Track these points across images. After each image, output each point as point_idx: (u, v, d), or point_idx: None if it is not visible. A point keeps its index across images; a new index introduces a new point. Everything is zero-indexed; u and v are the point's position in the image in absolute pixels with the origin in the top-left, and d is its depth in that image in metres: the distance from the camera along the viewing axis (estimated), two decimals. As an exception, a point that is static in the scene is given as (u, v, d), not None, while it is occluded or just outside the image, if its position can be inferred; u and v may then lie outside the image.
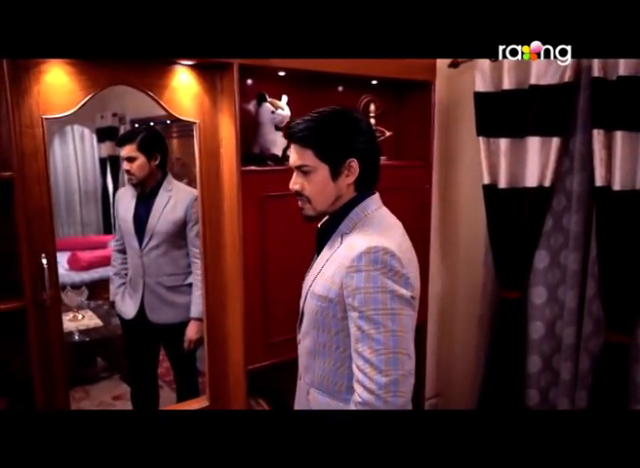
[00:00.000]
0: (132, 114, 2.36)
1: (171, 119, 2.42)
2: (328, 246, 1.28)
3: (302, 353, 1.34)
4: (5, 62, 1.41)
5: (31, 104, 1.56)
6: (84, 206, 2.43)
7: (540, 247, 2.32)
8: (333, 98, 2.27)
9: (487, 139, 2.35)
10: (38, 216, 1.60)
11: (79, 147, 2.27)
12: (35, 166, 1.58)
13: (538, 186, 2.22)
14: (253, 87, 2.02)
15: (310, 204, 1.25)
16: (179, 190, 2.16)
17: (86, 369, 2.44)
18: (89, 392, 2.32)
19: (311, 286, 1.26)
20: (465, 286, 2.78)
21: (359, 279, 1.13)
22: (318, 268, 1.27)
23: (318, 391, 1.28)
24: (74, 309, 2.34)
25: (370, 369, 1.11)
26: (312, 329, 1.26)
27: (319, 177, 1.22)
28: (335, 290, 1.18)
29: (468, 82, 2.39)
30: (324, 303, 1.21)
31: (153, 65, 1.75)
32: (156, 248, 2.13)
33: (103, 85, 1.68)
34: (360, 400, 1.12)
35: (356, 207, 1.25)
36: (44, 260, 1.60)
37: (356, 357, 1.14)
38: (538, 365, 2.39)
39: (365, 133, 1.25)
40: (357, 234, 1.22)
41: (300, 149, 1.22)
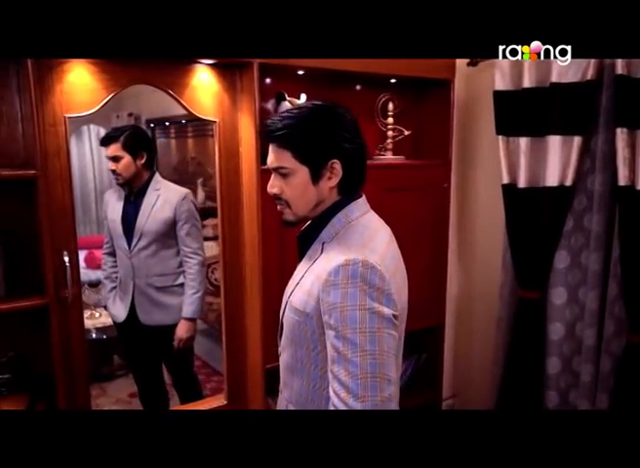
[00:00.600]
0: (147, 114, 2.38)
1: (186, 119, 2.44)
2: (308, 255, 1.17)
3: (281, 367, 1.24)
4: (29, 62, 1.43)
5: (54, 103, 1.58)
6: (99, 205, 2.44)
7: (560, 247, 2.29)
8: (352, 97, 2.27)
9: (506, 138, 2.32)
10: (60, 215, 1.62)
11: (95, 147, 2.29)
12: (58, 164, 1.60)
13: (558, 185, 2.19)
14: (272, 86, 2.03)
15: (290, 208, 1.15)
16: (167, 189, 2.15)
17: (103, 366, 2.46)
18: (105, 389, 2.35)
19: (290, 297, 1.15)
20: (483, 285, 2.76)
21: (335, 295, 1.02)
22: (297, 279, 1.16)
23: (296, 407, 1.20)
24: (91, 307, 2.36)
25: (345, 393, 1.00)
26: (290, 343, 1.16)
27: (298, 180, 1.11)
28: (312, 304, 1.07)
29: (487, 80, 2.37)
30: (301, 318, 1.10)
31: (174, 65, 1.76)
32: (145, 248, 2.11)
33: (125, 84, 1.69)
34: None
35: (339, 212, 1.14)
36: (66, 258, 1.62)
37: (332, 379, 1.03)
38: (557, 366, 2.36)
39: (349, 130, 1.12)
40: (337, 244, 1.11)
41: (277, 150, 1.11)
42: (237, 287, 1.98)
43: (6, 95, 1.60)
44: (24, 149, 1.62)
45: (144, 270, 2.13)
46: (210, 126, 1.92)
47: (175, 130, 2.62)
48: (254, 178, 1.83)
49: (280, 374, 1.26)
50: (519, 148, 2.27)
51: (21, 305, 1.55)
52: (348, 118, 1.14)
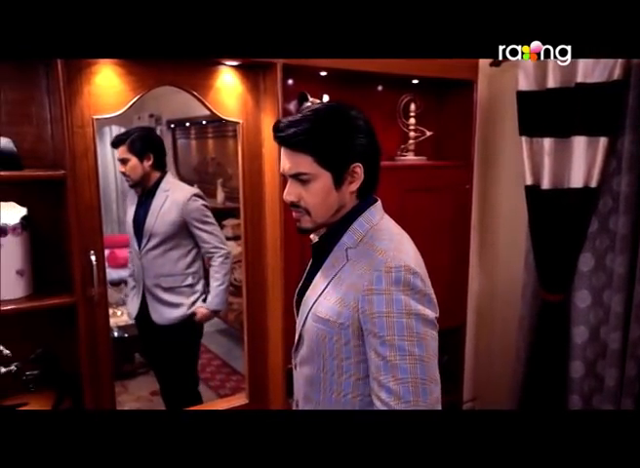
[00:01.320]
0: (168, 115, 2.41)
1: (206, 120, 2.46)
2: (329, 262, 1.11)
3: (300, 381, 1.19)
4: (59, 65, 1.46)
5: (82, 105, 1.61)
6: (120, 204, 2.47)
7: (584, 249, 2.26)
8: (374, 97, 2.28)
9: (530, 139, 2.30)
10: (87, 214, 1.65)
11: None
12: (85, 165, 1.63)
13: (583, 187, 2.16)
14: (295, 86, 2.04)
15: (309, 216, 1.08)
16: (176, 190, 2.14)
17: (124, 364, 2.48)
18: (127, 387, 2.38)
19: (313, 307, 1.10)
20: (506, 287, 2.73)
21: (380, 302, 1.00)
22: (320, 288, 1.11)
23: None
24: (113, 306, 2.38)
25: (395, 401, 0.99)
26: (316, 355, 1.11)
27: (320, 186, 1.05)
28: (347, 314, 1.04)
29: (511, 81, 2.35)
30: (332, 328, 1.06)
31: (199, 66, 1.78)
32: (154, 249, 2.12)
33: (151, 85, 1.72)
34: None
35: (359, 217, 1.10)
36: (93, 257, 1.65)
37: (378, 389, 1.01)
38: (580, 370, 2.33)
39: (367, 132, 1.08)
40: (368, 249, 1.06)
41: (295, 155, 1.04)
42: (259, 287, 2.00)
43: (36, 96, 1.63)
44: (53, 150, 1.66)
45: (153, 271, 2.15)
46: (230, 127, 1.94)
47: (195, 131, 2.65)
48: (276, 180, 1.84)
49: (295, 389, 1.23)
50: (543, 149, 2.25)
51: (50, 303, 1.58)
52: (364, 119, 1.09)
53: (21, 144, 1.59)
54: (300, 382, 1.19)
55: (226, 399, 2.13)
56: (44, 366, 1.62)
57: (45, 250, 1.66)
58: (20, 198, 1.60)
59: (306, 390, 1.16)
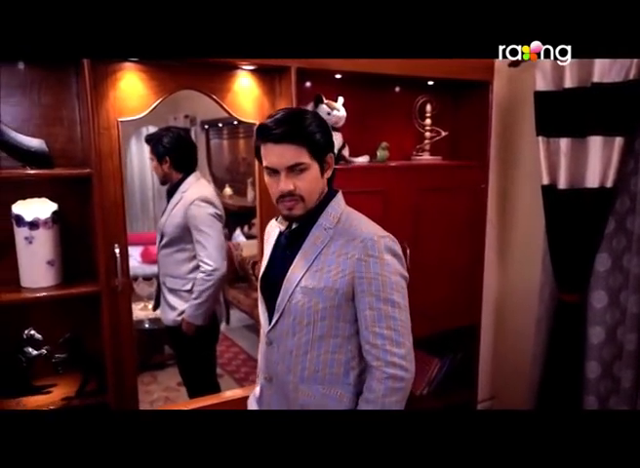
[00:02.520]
0: (202, 116, 2.50)
1: (238, 120, 2.55)
2: (310, 242, 1.26)
3: (278, 355, 1.31)
4: (87, 71, 1.57)
5: (108, 108, 1.73)
6: (157, 202, 2.55)
7: (601, 249, 2.25)
8: (390, 99, 2.33)
9: (547, 139, 2.30)
10: (112, 210, 1.76)
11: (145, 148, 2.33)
12: (111, 164, 1.75)
13: (599, 187, 2.16)
14: (311, 89, 2.10)
15: (304, 202, 1.22)
16: (192, 192, 2.13)
17: (154, 355, 2.58)
18: (156, 377, 2.47)
19: (300, 282, 1.24)
20: (523, 287, 2.73)
21: (375, 265, 1.20)
22: (305, 265, 1.25)
23: (310, 385, 1.28)
24: (145, 299, 2.49)
25: (391, 345, 1.20)
26: (305, 324, 1.25)
27: (312, 175, 1.21)
28: (342, 280, 1.21)
29: (529, 81, 2.35)
30: (327, 296, 1.22)
31: (217, 71, 1.88)
32: (164, 248, 2.18)
33: (172, 89, 1.82)
34: (386, 375, 1.20)
35: (331, 202, 1.28)
36: (117, 250, 1.76)
37: (373, 338, 1.21)
38: (597, 371, 2.32)
39: (330, 129, 1.29)
40: (349, 228, 1.25)
41: (292, 148, 1.18)
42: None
43: (67, 100, 1.76)
44: (82, 150, 1.78)
45: (162, 269, 2.22)
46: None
47: (227, 131, 2.72)
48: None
49: (269, 367, 1.34)
50: (559, 149, 2.25)
51: (77, 292, 1.70)
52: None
53: (54, 145, 1.72)
54: (276, 357, 1.32)
55: (247, 387, 2.21)
56: (71, 349, 1.74)
57: (73, 242, 1.78)
58: (51, 194, 1.72)
59: (290, 360, 1.28)
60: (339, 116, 2.02)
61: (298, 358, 1.28)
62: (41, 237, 1.66)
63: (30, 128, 1.71)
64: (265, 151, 1.21)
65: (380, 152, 2.20)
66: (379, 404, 1.21)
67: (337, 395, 1.28)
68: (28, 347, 1.71)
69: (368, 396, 1.23)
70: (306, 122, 1.20)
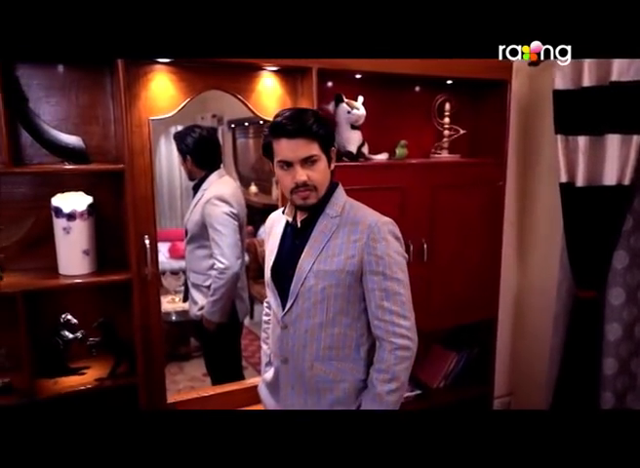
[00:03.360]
0: (229, 115, 2.57)
1: (264, 119, 2.61)
2: (318, 231, 1.38)
3: (294, 337, 1.41)
4: (121, 73, 1.68)
5: (140, 107, 1.83)
6: (184, 200, 2.64)
7: (619, 247, 2.27)
8: (408, 98, 2.38)
9: (565, 137, 2.32)
10: (143, 204, 1.86)
11: (174, 146, 2.40)
12: (142, 160, 1.85)
13: (617, 184, 2.18)
14: (332, 89, 2.18)
15: (316, 191, 1.34)
16: (210, 190, 2.19)
17: (180, 346, 2.68)
18: (182, 368, 2.57)
19: (313, 267, 1.36)
20: (540, 284, 2.76)
21: (382, 247, 1.33)
22: (316, 251, 1.37)
23: (324, 362, 1.40)
24: (172, 292, 2.60)
25: (397, 318, 1.34)
26: (319, 306, 1.37)
27: (323, 166, 1.34)
28: (352, 262, 1.34)
29: (548, 80, 2.37)
30: (339, 277, 1.34)
31: (242, 72, 1.97)
32: (187, 244, 2.27)
33: (199, 89, 1.92)
34: (396, 346, 1.34)
35: (334, 193, 1.41)
36: (147, 241, 1.87)
37: (382, 313, 1.34)
38: (614, 367, 2.34)
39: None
40: (355, 215, 1.38)
41: (306, 142, 1.30)
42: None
43: (102, 100, 1.88)
44: (116, 147, 1.89)
45: (187, 264, 2.31)
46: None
47: (253, 130, 2.76)
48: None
49: (284, 348, 1.43)
50: (578, 147, 2.27)
51: (110, 279, 1.81)
52: None
53: (90, 142, 1.83)
54: (291, 339, 1.42)
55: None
56: (104, 333, 1.86)
57: (106, 233, 1.90)
58: (87, 188, 1.84)
59: (305, 339, 1.40)
60: (358, 115, 2.09)
61: (312, 338, 1.39)
62: (78, 228, 1.77)
63: (68, 126, 1.82)
64: (279, 146, 1.32)
65: (398, 150, 2.27)
66: (390, 372, 1.33)
67: (350, 369, 1.41)
68: (65, 331, 1.83)
69: (380, 366, 1.35)
70: (314, 119, 1.32)
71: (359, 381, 1.41)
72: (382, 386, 1.34)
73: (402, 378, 1.35)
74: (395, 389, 1.34)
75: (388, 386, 1.34)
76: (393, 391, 1.34)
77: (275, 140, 1.32)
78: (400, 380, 1.35)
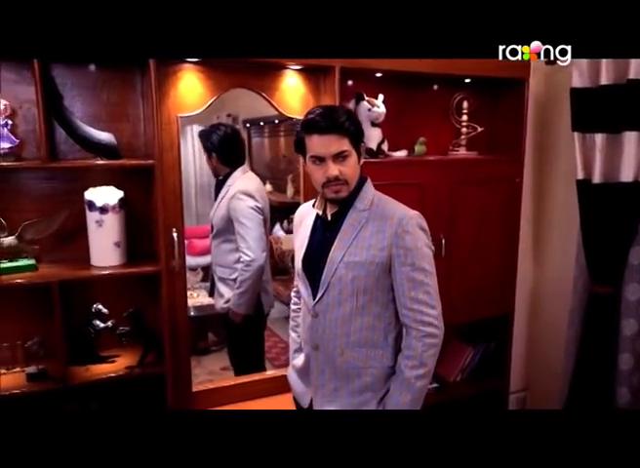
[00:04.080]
0: (244, 115, 2.62)
1: (278, 119, 2.65)
2: (348, 224, 1.43)
3: (324, 324, 1.46)
4: (153, 72, 1.74)
5: (169, 105, 1.90)
6: (199, 199, 2.71)
7: (635, 243, 2.30)
8: (426, 96, 2.43)
9: (582, 135, 2.35)
10: (171, 198, 1.93)
11: (197, 145, 2.49)
12: (171, 156, 1.92)
13: (633, 181, 2.21)
14: (353, 87, 2.23)
15: (347, 185, 1.39)
16: (235, 185, 2.25)
17: (199, 341, 2.73)
18: (201, 362, 2.61)
19: (344, 258, 1.41)
20: (556, 279, 2.79)
21: (410, 240, 1.39)
22: (346, 243, 1.42)
23: (354, 349, 1.45)
24: (190, 288, 2.63)
25: (426, 307, 1.40)
26: (349, 296, 1.42)
27: (353, 161, 1.39)
28: (381, 254, 1.39)
29: (566, 78, 2.39)
30: (369, 268, 1.40)
31: (266, 70, 2.03)
32: (214, 239, 2.32)
33: (226, 88, 1.98)
34: (424, 333, 1.39)
35: (363, 187, 1.46)
36: (174, 234, 1.93)
37: (410, 302, 1.40)
38: (629, 363, 2.36)
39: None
40: (383, 209, 1.43)
41: (338, 138, 1.35)
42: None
43: (132, 99, 1.95)
44: (145, 144, 1.96)
45: (213, 259, 2.37)
46: (300, 125, 2.14)
47: (268, 129, 2.85)
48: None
49: (314, 336, 1.48)
50: (595, 144, 2.30)
51: (140, 271, 1.88)
52: None
53: (120, 139, 1.90)
54: (322, 327, 1.47)
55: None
56: (134, 323, 1.92)
57: (135, 226, 1.96)
58: (117, 183, 1.90)
59: (336, 328, 1.45)
60: (379, 112, 2.14)
61: (343, 326, 1.45)
62: (109, 221, 1.84)
63: (100, 124, 1.89)
64: (311, 142, 1.37)
65: (417, 147, 2.32)
66: (418, 358, 1.39)
67: (378, 355, 1.46)
68: (96, 320, 1.90)
69: (408, 353, 1.41)
70: (345, 116, 1.38)
71: (387, 367, 1.47)
72: (411, 372, 1.40)
73: (429, 365, 1.41)
74: (423, 375, 1.40)
75: (417, 372, 1.39)
76: (421, 376, 1.40)
77: (308, 136, 1.38)
78: (428, 366, 1.40)
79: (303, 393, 1.59)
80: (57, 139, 1.85)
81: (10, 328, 1.86)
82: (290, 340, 1.72)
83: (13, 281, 1.71)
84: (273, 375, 2.28)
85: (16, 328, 1.86)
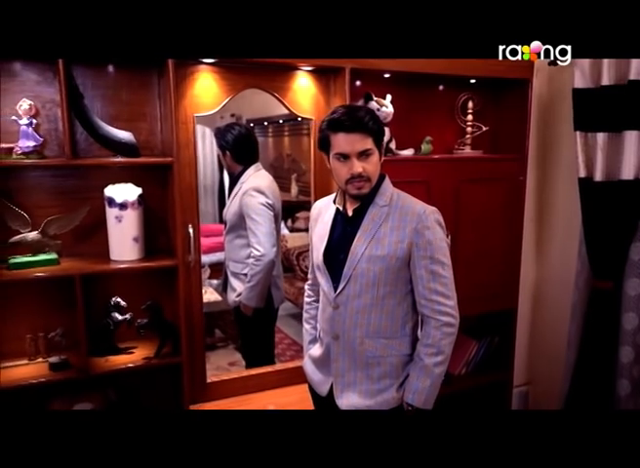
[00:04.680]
0: (248, 114, 2.62)
1: (283, 119, 2.70)
2: (369, 219, 1.50)
3: (350, 314, 1.52)
4: (171, 72, 1.81)
5: (186, 105, 1.97)
6: (202, 198, 2.74)
7: (635, 239, 2.36)
8: (433, 96, 2.49)
9: (584, 134, 2.41)
10: (187, 194, 2.00)
11: (200, 145, 2.47)
12: (187, 154, 1.99)
13: (634, 179, 2.27)
14: (362, 88, 2.28)
15: (369, 182, 1.47)
16: (247, 182, 2.30)
17: (206, 337, 2.81)
18: (208, 358, 2.61)
19: (365, 252, 1.48)
20: (559, 275, 2.85)
21: (429, 234, 1.47)
22: (367, 238, 1.49)
23: (374, 338, 1.52)
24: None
25: (443, 298, 1.48)
26: (370, 288, 1.49)
27: (376, 159, 1.47)
28: (402, 247, 1.47)
29: (569, 79, 2.44)
30: (390, 261, 1.47)
31: (279, 72, 2.10)
32: (227, 234, 2.39)
33: (240, 88, 2.05)
34: (442, 323, 1.48)
35: (382, 184, 1.53)
36: (190, 230, 2.00)
37: (429, 293, 1.48)
38: (630, 355, 2.42)
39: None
40: (403, 204, 1.51)
41: (362, 137, 1.42)
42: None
43: (149, 99, 2.01)
44: (162, 142, 2.03)
45: (227, 254, 2.43)
46: (304, 125, 2.21)
47: (272, 129, 2.87)
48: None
49: (335, 327, 1.55)
50: (596, 143, 2.36)
51: (157, 265, 1.95)
52: None
53: (138, 137, 1.96)
54: (343, 317, 1.54)
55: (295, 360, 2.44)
56: (151, 315, 1.99)
57: (152, 222, 2.03)
58: (136, 180, 1.97)
59: (356, 318, 1.53)
60: (387, 112, 2.21)
61: (363, 316, 1.52)
62: (129, 217, 1.91)
63: (118, 123, 1.95)
64: (337, 140, 1.44)
65: (424, 146, 2.38)
66: (436, 346, 1.47)
67: (396, 344, 1.54)
68: (115, 313, 1.97)
69: (427, 341, 1.48)
70: (369, 116, 1.45)
71: (405, 356, 1.54)
72: (430, 359, 1.47)
73: (447, 352, 1.49)
74: (441, 361, 1.48)
75: (435, 359, 1.47)
76: (440, 363, 1.48)
77: (333, 135, 1.44)
78: (445, 354, 1.48)
79: (322, 382, 1.64)
80: (77, 138, 1.92)
81: (33, 320, 1.93)
82: (304, 332, 1.79)
83: (36, 274, 1.78)
84: (284, 368, 2.35)
85: (39, 320, 1.93)
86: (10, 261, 1.80)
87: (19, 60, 1.81)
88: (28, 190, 1.89)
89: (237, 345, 2.72)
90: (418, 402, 1.50)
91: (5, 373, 1.81)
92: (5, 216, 1.82)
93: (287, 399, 2.17)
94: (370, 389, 1.54)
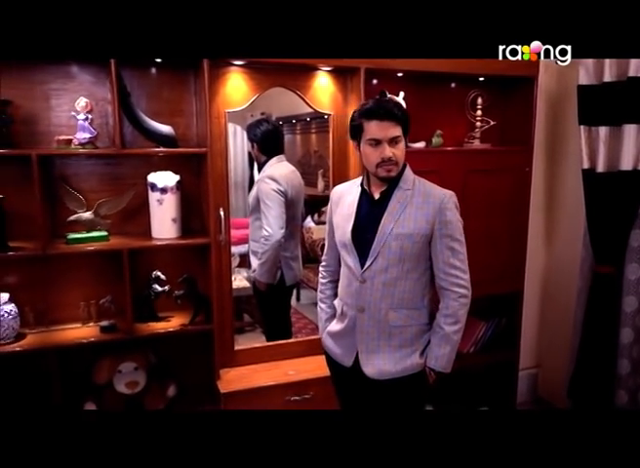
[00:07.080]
0: (277, 113, 2.76)
1: (310, 116, 2.86)
2: (395, 201, 1.66)
3: (373, 288, 1.67)
4: (206, 72, 2.04)
5: (218, 102, 2.22)
6: (233, 193, 2.90)
7: (635, 226, 2.51)
8: (443, 93, 2.68)
9: (588, 128, 2.57)
10: (219, 181, 2.25)
11: (231, 142, 2.63)
12: (219, 145, 2.24)
13: (632, 169, 2.42)
14: (377, 86, 2.50)
15: (397, 166, 1.63)
16: (267, 171, 2.51)
17: (235, 321, 3.02)
18: (237, 340, 2.85)
19: (392, 230, 1.63)
20: (565, 262, 3.00)
21: (450, 215, 1.65)
22: (394, 217, 1.64)
23: (397, 310, 1.68)
24: (229, 272, 2.91)
25: (460, 272, 1.67)
26: (396, 263, 1.64)
27: (403, 145, 1.63)
28: (426, 226, 1.63)
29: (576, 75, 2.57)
30: (415, 239, 1.63)
31: (301, 71, 2.33)
32: (250, 216, 2.62)
33: (266, 87, 2.30)
34: (460, 294, 1.67)
35: (405, 170, 1.70)
36: (221, 213, 2.25)
37: (448, 268, 1.66)
38: (630, 337, 2.57)
39: None
40: (424, 188, 1.68)
41: (393, 125, 1.58)
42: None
43: (186, 97, 2.27)
44: (197, 135, 2.29)
45: (250, 235, 2.66)
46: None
47: (300, 126, 3.01)
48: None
49: (362, 299, 1.69)
50: (599, 137, 2.51)
51: (193, 242, 2.21)
52: None
53: (176, 131, 2.21)
54: (369, 291, 1.68)
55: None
56: (187, 287, 2.25)
57: (189, 205, 2.29)
58: (175, 168, 2.23)
59: (383, 291, 1.68)
60: (399, 108, 2.41)
61: (389, 290, 1.67)
62: (168, 200, 2.17)
63: (160, 118, 2.20)
64: (370, 127, 1.60)
65: (435, 139, 2.57)
66: (454, 316, 1.66)
67: (416, 315, 1.71)
68: (155, 284, 2.23)
69: (446, 312, 1.68)
70: (397, 107, 1.63)
71: (423, 325, 1.72)
72: (450, 327, 1.66)
73: (463, 321, 1.68)
74: (458, 329, 1.68)
75: (454, 327, 1.67)
76: (457, 331, 1.68)
77: (367, 122, 1.60)
78: (461, 322, 1.68)
79: (345, 353, 1.78)
80: (124, 131, 2.18)
81: (86, 289, 2.21)
82: (318, 311, 1.95)
83: (89, 248, 2.06)
84: (304, 340, 2.59)
85: (91, 289, 2.22)
86: (68, 237, 2.08)
87: (77, 64, 2.10)
88: (83, 176, 2.17)
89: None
90: (440, 366, 1.68)
91: (63, 334, 2.11)
92: (64, 198, 2.11)
93: (305, 366, 2.40)
94: (394, 356, 1.70)
